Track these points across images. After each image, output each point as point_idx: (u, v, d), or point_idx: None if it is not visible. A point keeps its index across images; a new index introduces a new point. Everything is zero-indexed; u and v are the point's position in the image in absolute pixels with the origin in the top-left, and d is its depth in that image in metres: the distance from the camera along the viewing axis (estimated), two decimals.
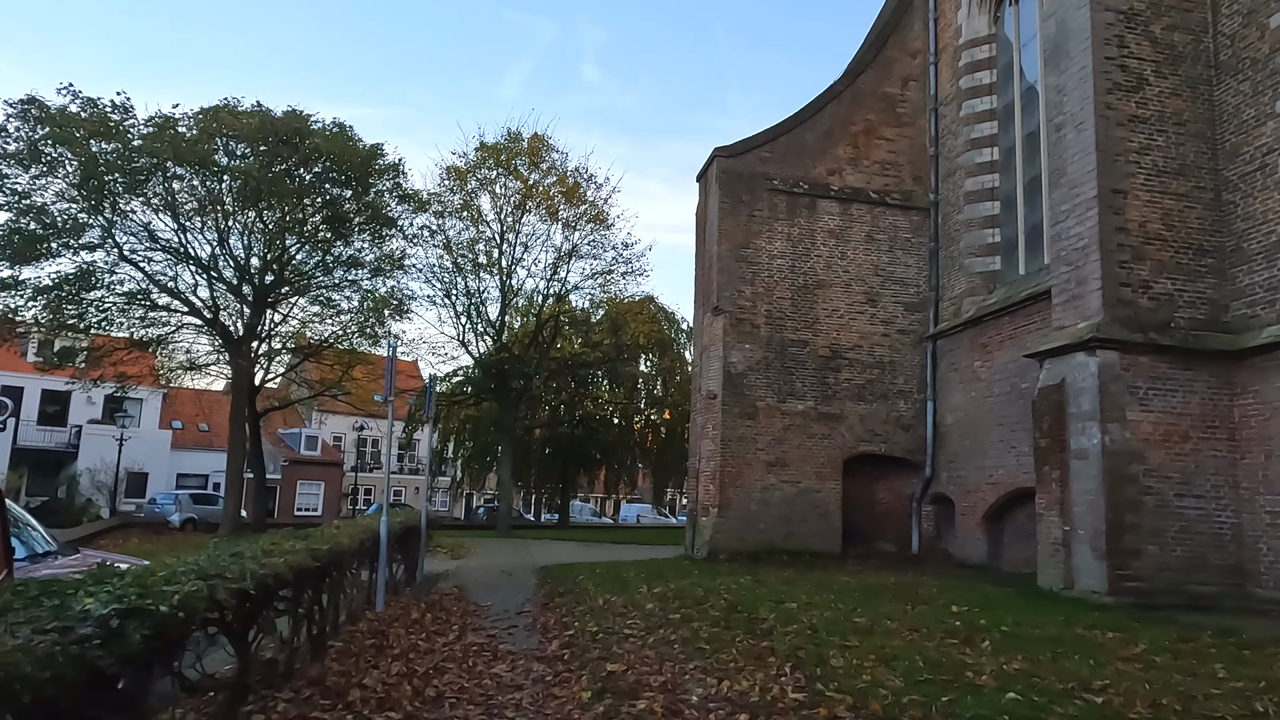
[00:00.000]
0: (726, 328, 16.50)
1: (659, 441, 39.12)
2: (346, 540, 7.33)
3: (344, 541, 7.16)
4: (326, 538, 7.16)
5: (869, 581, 11.81)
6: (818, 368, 16.79)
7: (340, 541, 7.09)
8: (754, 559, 15.41)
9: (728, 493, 16.03)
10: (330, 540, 6.81)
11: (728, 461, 16.10)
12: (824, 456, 16.52)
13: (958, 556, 15.64)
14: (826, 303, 17.04)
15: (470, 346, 28.83)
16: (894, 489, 17.38)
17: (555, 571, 13.87)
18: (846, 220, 17.39)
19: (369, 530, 8.71)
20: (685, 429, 38.33)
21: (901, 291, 17.40)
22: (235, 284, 23.13)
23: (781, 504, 16.20)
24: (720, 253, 16.71)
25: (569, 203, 27.59)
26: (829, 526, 16.34)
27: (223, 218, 21.79)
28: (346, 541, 7.27)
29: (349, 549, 7.27)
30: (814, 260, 17.13)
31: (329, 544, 6.66)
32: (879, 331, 17.18)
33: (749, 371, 16.47)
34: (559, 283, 27.83)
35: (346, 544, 7.21)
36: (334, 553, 6.61)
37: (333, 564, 6.72)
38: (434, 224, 27.20)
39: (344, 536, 7.48)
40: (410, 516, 11.61)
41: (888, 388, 17.04)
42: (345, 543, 7.20)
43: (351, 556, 7.69)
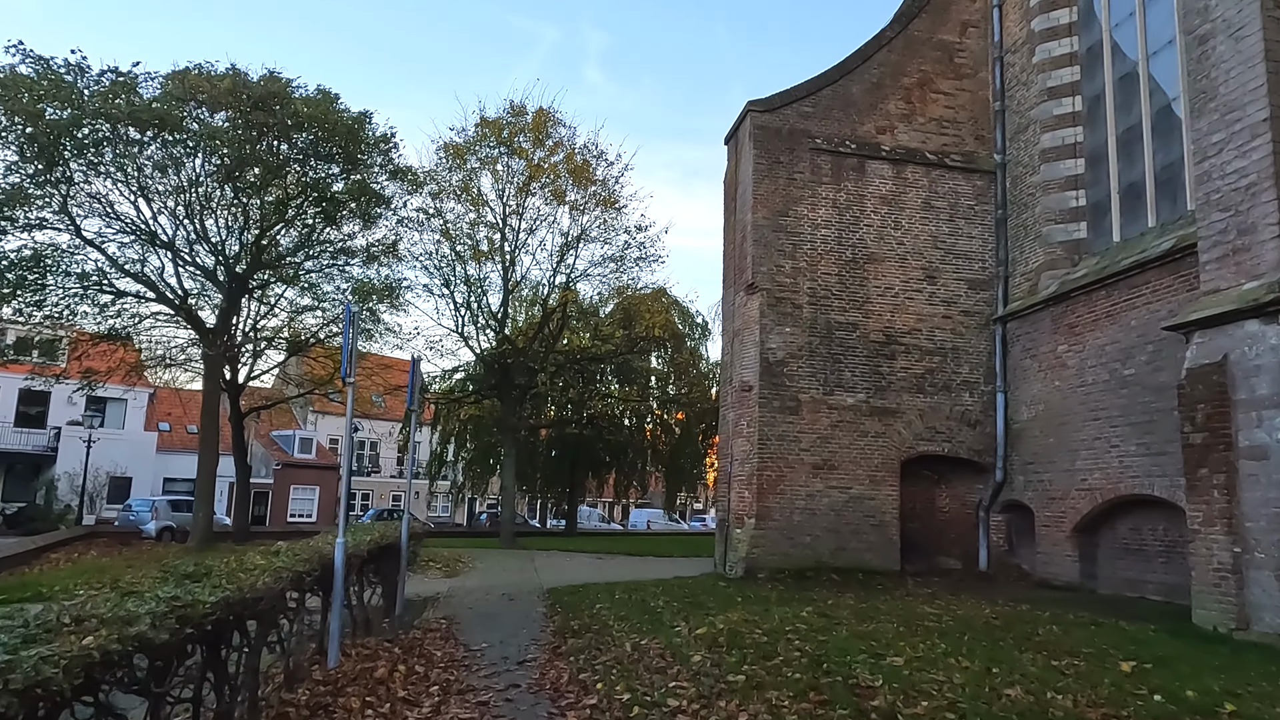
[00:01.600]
0: (763, 308, 14.17)
1: (672, 443, 36.79)
2: (269, 578, 5.03)
3: (264, 582, 4.85)
4: (238, 572, 4.90)
5: (959, 613, 9.46)
6: (869, 354, 14.45)
7: (257, 581, 4.80)
8: (799, 578, 13.08)
9: (767, 500, 13.70)
10: (235, 582, 4.52)
11: (766, 464, 13.77)
12: (878, 458, 14.18)
13: (1038, 575, 13.28)
14: (879, 279, 14.70)
15: (471, 341, 26.53)
16: (957, 495, 15.02)
17: (566, 595, 11.55)
18: (900, 185, 15.06)
19: (317, 557, 6.42)
20: (700, 429, 36.16)
21: (964, 267, 15.05)
22: (210, 268, 20.86)
23: (829, 513, 13.86)
24: (755, 221, 14.39)
25: (577, 183, 25.25)
26: (885, 539, 13.98)
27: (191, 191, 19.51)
28: (269, 580, 4.97)
29: (271, 591, 4.96)
30: (863, 230, 14.80)
31: (231, 588, 4.38)
32: (939, 313, 14.84)
33: (790, 359, 14.14)
34: (566, 270, 25.55)
35: (268, 584, 4.91)
36: (236, 603, 4.31)
37: (236, 617, 4.43)
38: (431, 206, 24.93)
39: (268, 571, 5.20)
40: (387, 531, 9.32)
41: (950, 378, 14.69)
42: (267, 582, 4.90)
43: (280, 598, 5.39)
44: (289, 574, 5.60)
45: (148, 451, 40.66)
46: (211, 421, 20.19)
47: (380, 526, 9.64)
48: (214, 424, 20.35)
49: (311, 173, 21.53)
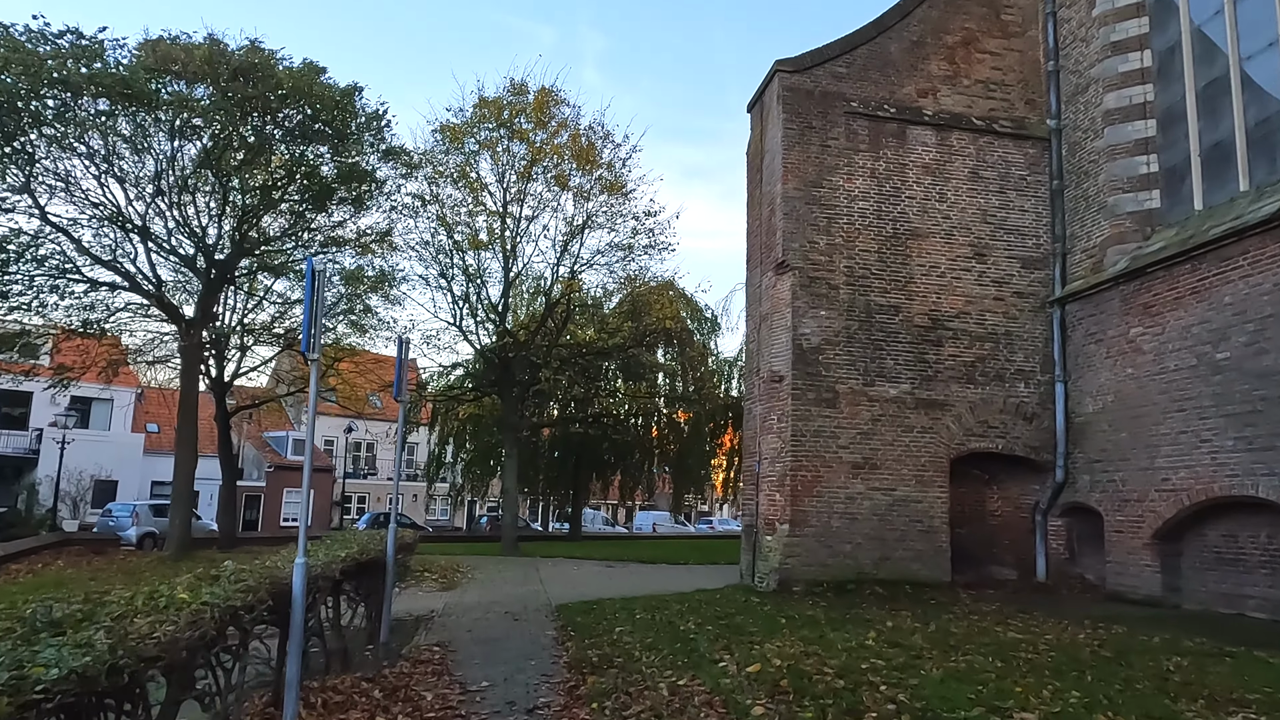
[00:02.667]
0: (796, 289, 12.68)
1: (679, 443, 35.26)
2: (183, 622, 3.54)
3: (166, 632, 3.36)
4: (136, 616, 3.43)
5: (1048, 638, 7.95)
6: (914, 341, 12.96)
7: (157, 630, 3.31)
8: (840, 592, 11.59)
9: (802, 504, 12.19)
10: (119, 636, 3.03)
11: (800, 463, 12.27)
12: (925, 455, 12.68)
13: (1109, 587, 11.77)
14: (923, 257, 13.21)
15: (470, 335, 25.02)
16: (1011, 497, 13.53)
17: (578, 614, 10.04)
18: (945, 153, 13.57)
19: (268, 583, 4.92)
20: (709, 428, 34.63)
21: (1017, 243, 13.56)
22: (188, 255, 19.35)
23: (872, 518, 12.36)
24: (785, 193, 12.90)
25: (581, 168, 23.75)
26: (933, 547, 12.48)
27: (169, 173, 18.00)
28: (176, 627, 3.48)
29: (178, 643, 3.46)
30: (905, 203, 13.31)
31: (104, 647, 2.89)
32: (990, 294, 13.34)
33: (826, 345, 12.64)
34: (570, 259, 24.03)
35: (172, 633, 3.41)
36: (118, 664, 2.82)
37: (109, 689, 2.93)
38: (427, 192, 23.42)
39: (189, 608, 3.73)
40: (368, 543, 7.82)
41: (1003, 367, 13.19)
42: (170, 632, 3.41)
43: (201, 647, 3.89)
44: (220, 610, 4.11)
45: (134, 454, 39.16)
46: (190, 420, 18.68)
47: (361, 537, 8.16)
48: (192, 422, 18.84)
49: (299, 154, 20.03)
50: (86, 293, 19.63)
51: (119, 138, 16.86)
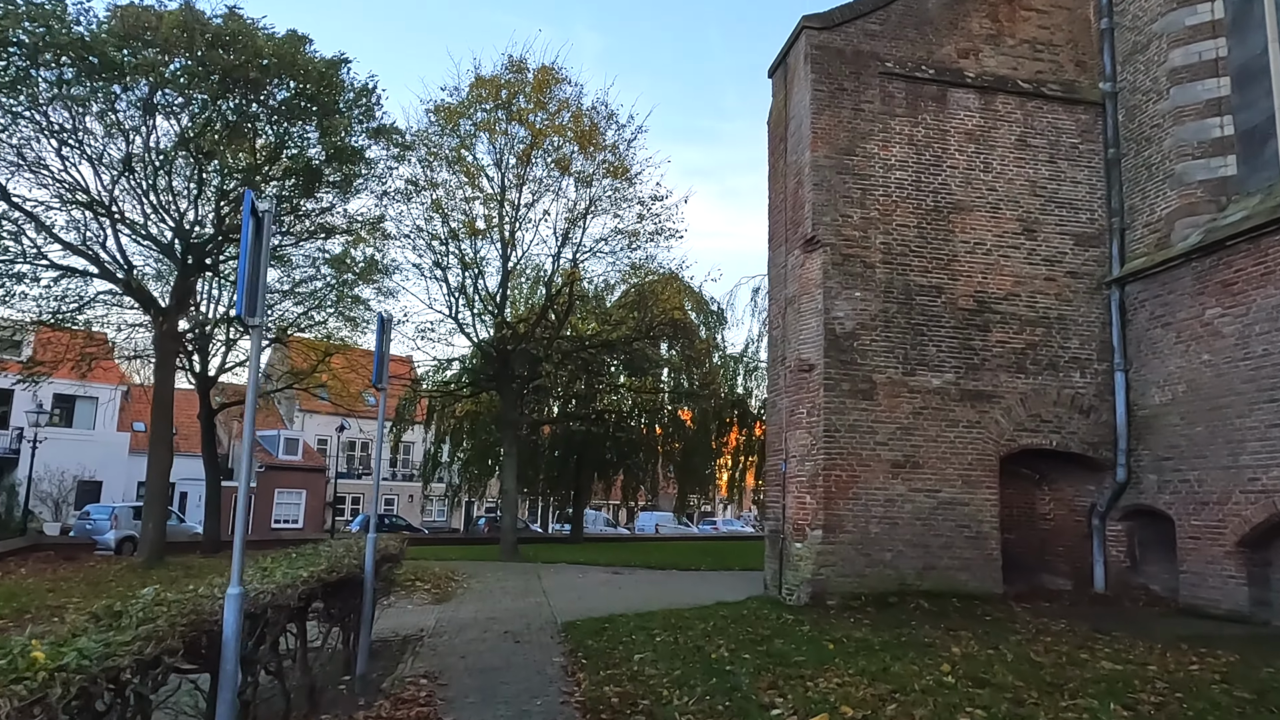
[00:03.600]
0: (828, 268, 11.39)
1: (684, 441, 33.96)
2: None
3: None
4: None
5: (1150, 668, 6.67)
6: (958, 325, 11.67)
7: None
8: (882, 606, 10.30)
9: (836, 507, 10.90)
10: None
11: (835, 461, 10.98)
12: (971, 453, 11.39)
13: (1182, 599, 10.48)
14: (966, 233, 11.92)
15: (467, 328, 23.70)
16: (1064, 499, 12.25)
17: (589, 635, 8.75)
18: (989, 118, 12.28)
19: (188, 620, 3.63)
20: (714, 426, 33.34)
21: (1069, 218, 12.27)
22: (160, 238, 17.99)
23: (914, 522, 11.07)
24: (815, 161, 11.61)
25: (583, 150, 22.44)
26: (983, 555, 11.19)
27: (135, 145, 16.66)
28: None
29: None
30: (946, 173, 12.02)
31: None
32: (1040, 274, 12.06)
33: (861, 330, 11.35)
34: (572, 246, 22.71)
35: None
36: None
37: None
38: (422, 175, 22.10)
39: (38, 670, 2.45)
40: (340, 558, 6.52)
41: (1056, 354, 11.90)
42: None
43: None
44: (94, 675, 2.83)
45: (119, 454, 37.82)
46: (164, 415, 17.35)
47: (336, 550, 6.86)
48: (167, 418, 17.51)
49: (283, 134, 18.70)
50: (56, 280, 18.31)
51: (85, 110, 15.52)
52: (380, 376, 7.26)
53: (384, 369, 7.29)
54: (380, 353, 7.19)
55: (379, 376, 7.27)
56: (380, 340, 7.22)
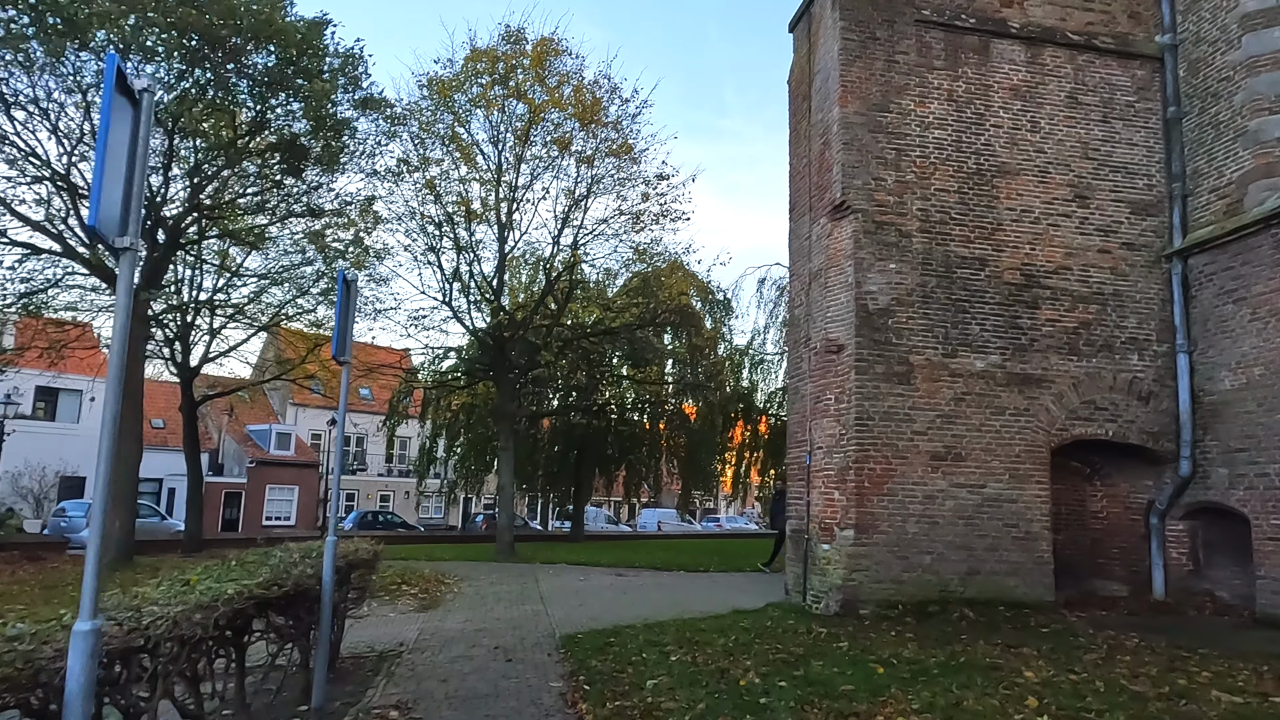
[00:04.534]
0: (859, 236, 10.17)
1: (688, 435, 32.76)
2: None
3: None
4: None
5: (1276, 699, 5.48)
6: (1004, 301, 10.46)
7: None
8: (922, 616, 9.11)
9: (869, 504, 9.70)
10: None
11: (868, 453, 9.77)
12: (1020, 444, 10.18)
13: (1259, 608, 9.28)
14: (1012, 199, 10.70)
15: (463, 315, 22.45)
16: (1117, 495, 11.04)
17: (593, 652, 7.55)
18: (1036, 73, 11.06)
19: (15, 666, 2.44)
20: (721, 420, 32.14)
21: (1125, 184, 11.05)
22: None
23: (956, 522, 9.87)
24: (845, 118, 10.39)
25: (585, 128, 21.19)
26: (1033, 558, 9.98)
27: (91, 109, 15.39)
28: None
29: None
30: (990, 133, 10.80)
31: None
32: (1094, 245, 10.84)
33: (897, 306, 10.14)
34: (573, 229, 21.47)
35: None
36: None
37: None
38: (413, 153, 20.87)
39: None
40: (289, 568, 5.31)
41: (1112, 334, 10.69)
42: None
43: None
44: None
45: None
46: (133, 404, 16.13)
47: (289, 558, 5.66)
48: (136, 407, 16.29)
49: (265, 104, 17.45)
50: (20, 261, 17.10)
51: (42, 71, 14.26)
52: (343, 348, 6.05)
53: (346, 339, 6.08)
54: (342, 318, 5.98)
55: (340, 348, 6.06)
56: (343, 304, 6.01)
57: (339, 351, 5.98)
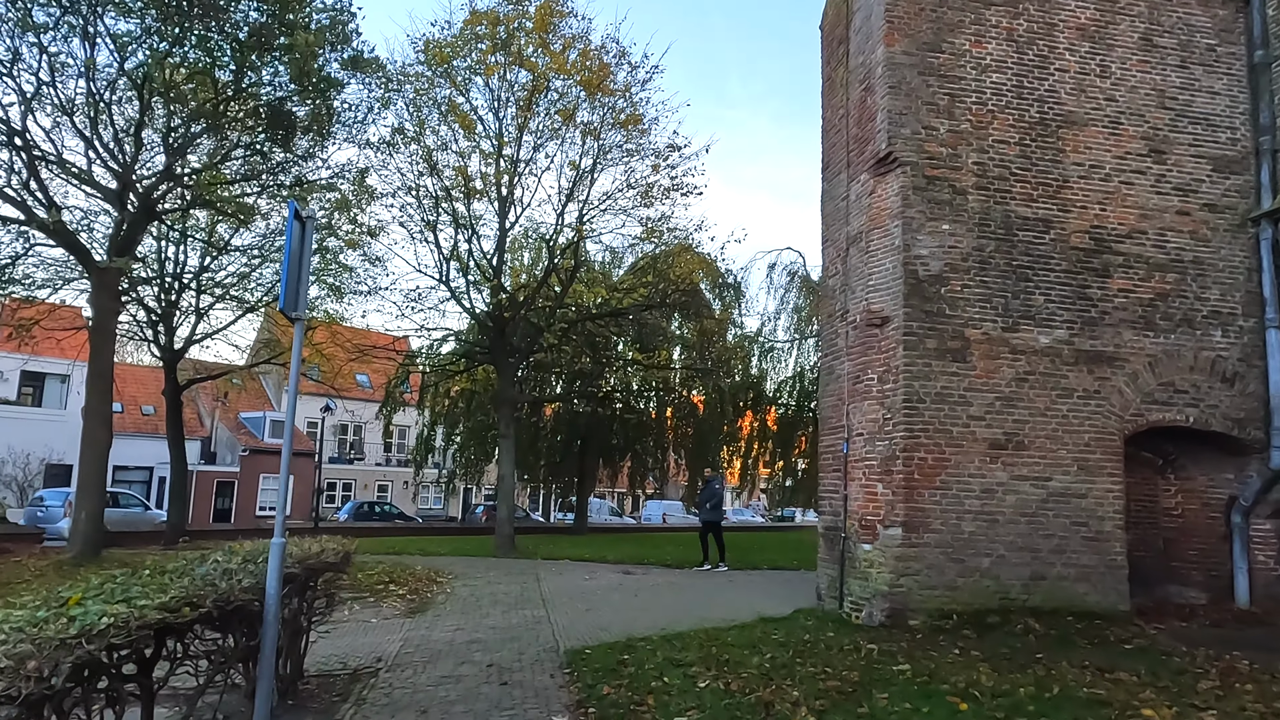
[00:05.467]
0: (907, 193, 8.90)
1: (696, 425, 31.57)
2: None
3: None
4: None
5: None
6: (1071, 268, 9.18)
7: None
8: (983, 628, 7.89)
9: (919, 498, 8.46)
10: None
11: (918, 440, 8.53)
12: (1089, 430, 8.92)
13: None
14: (1080, 153, 9.41)
15: (461, 296, 21.17)
16: (1194, 489, 9.78)
17: (604, 675, 6.33)
18: (1106, 12, 9.74)
19: None
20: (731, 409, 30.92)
21: (1205, 137, 9.75)
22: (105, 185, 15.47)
23: (1018, 519, 8.62)
24: (890, 59, 9.10)
25: (591, 97, 19.87)
26: (1104, 561, 8.74)
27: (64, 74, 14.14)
28: None
29: None
30: (1054, 78, 9.50)
31: None
32: (1171, 206, 9.55)
33: (950, 273, 8.87)
34: (578, 204, 20.16)
35: None
36: None
37: None
38: (408, 119, 19.58)
39: None
40: (203, 582, 4.06)
41: (1192, 307, 9.41)
42: None
43: None
44: None
45: None
46: (101, 387, 14.89)
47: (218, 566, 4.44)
48: (106, 390, 15.03)
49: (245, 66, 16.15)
50: None
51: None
52: (294, 301, 4.81)
53: (299, 290, 4.84)
54: (293, 264, 4.74)
55: (291, 301, 4.81)
56: (294, 247, 4.76)
57: (289, 305, 4.74)
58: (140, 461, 36.87)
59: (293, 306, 4.78)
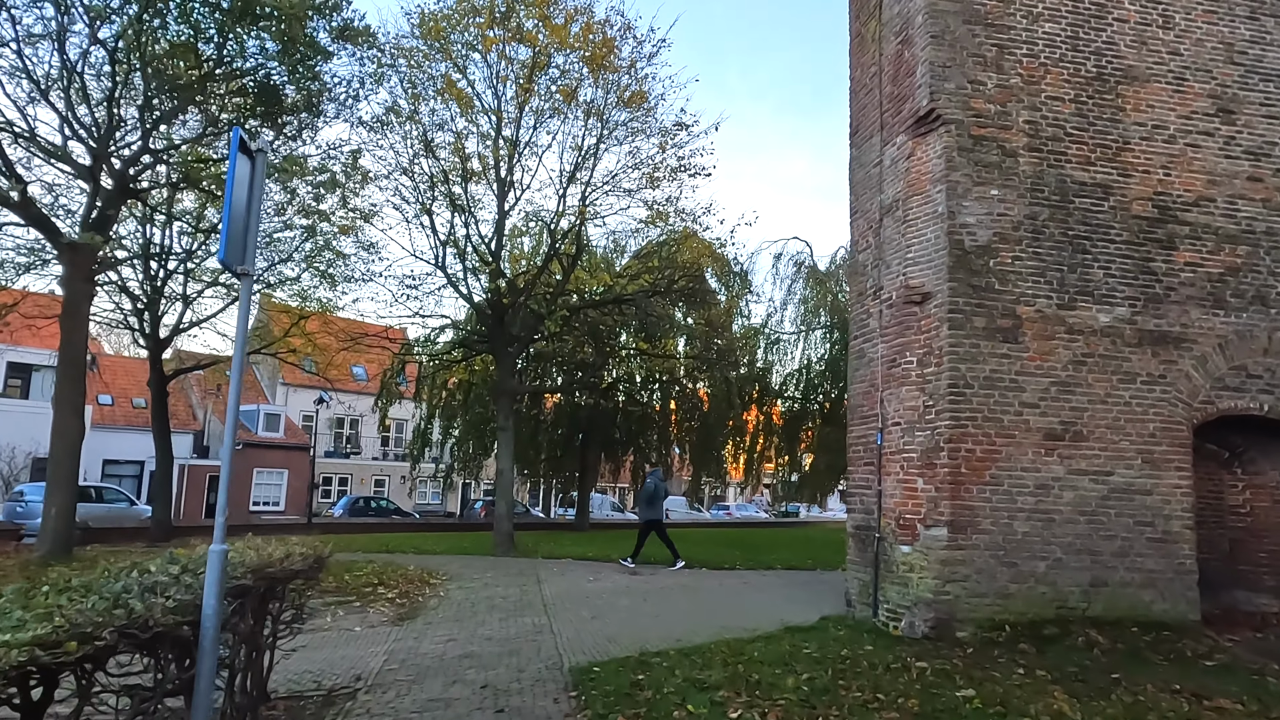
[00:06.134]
0: (952, 154, 7.97)
1: (701, 418, 30.68)
2: None
3: None
4: None
5: None
6: (1133, 239, 8.26)
7: None
8: (1040, 641, 7.00)
9: (967, 495, 7.55)
10: None
11: (964, 429, 7.62)
12: (1154, 419, 8.01)
13: None
14: (1141, 112, 8.48)
15: (458, 282, 20.23)
16: (1264, 485, 8.86)
17: (617, 701, 5.44)
18: None
19: None
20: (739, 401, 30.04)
21: (1278, 95, 8.82)
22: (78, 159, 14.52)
23: (1076, 518, 7.72)
24: (932, 6, 8.17)
25: (594, 74, 18.91)
26: (1172, 565, 7.83)
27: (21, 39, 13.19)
28: None
29: None
30: (1113, 28, 8.56)
31: None
32: (1242, 171, 8.62)
33: (1000, 244, 7.95)
34: (580, 185, 19.20)
35: None
36: None
37: None
38: (403, 96, 18.64)
39: None
40: (103, 606, 3.15)
41: (1266, 283, 8.49)
42: None
43: None
44: None
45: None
46: (73, 375, 13.97)
47: (127, 585, 3.51)
48: (78, 379, 14.13)
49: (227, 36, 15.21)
50: None
51: None
52: (238, 251, 3.88)
53: (247, 238, 3.92)
54: (238, 199, 3.82)
55: (234, 251, 3.89)
56: (239, 180, 3.84)
57: (233, 257, 3.82)
58: (131, 455, 35.99)
59: (237, 259, 3.87)
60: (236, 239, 3.87)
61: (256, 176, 4.00)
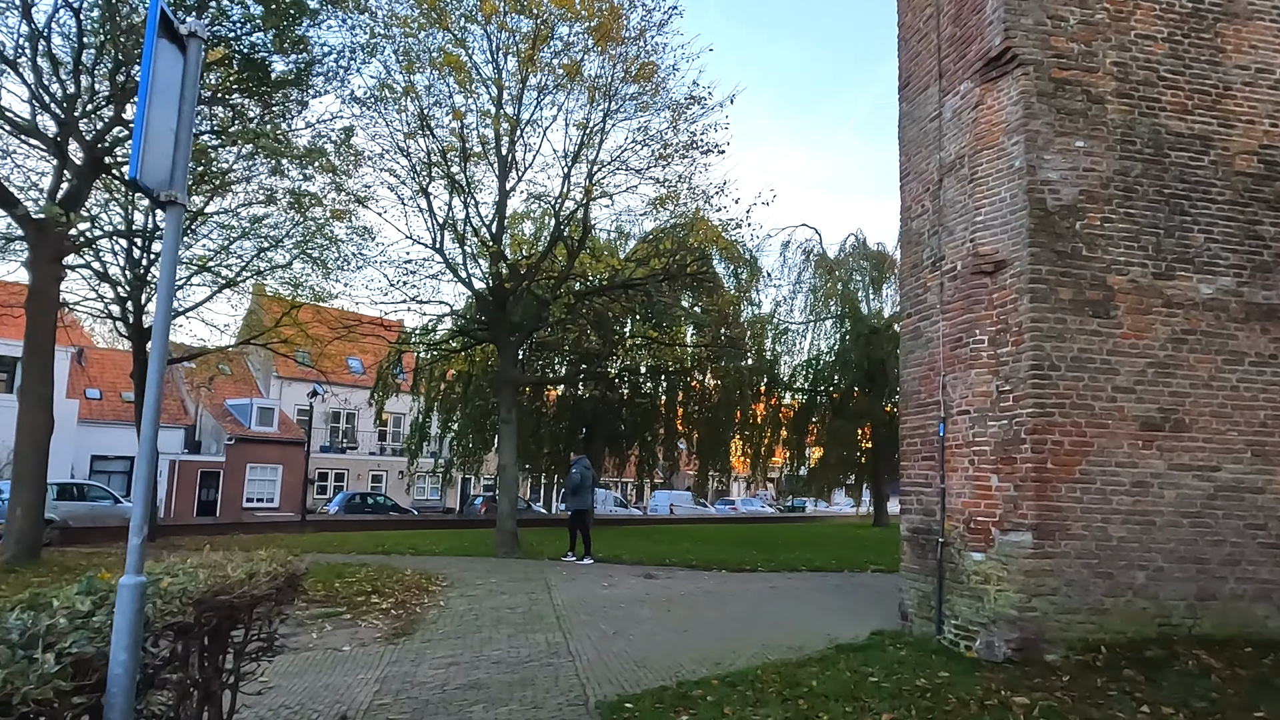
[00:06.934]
0: (1030, 100, 6.88)
1: (709, 411, 29.66)
2: None
3: None
4: None
5: None
6: (1236, 198, 7.18)
7: None
8: (1143, 665, 5.98)
9: (1055, 494, 6.49)
10: None
11: (1050, 418, 6.55)
12: (1265, 406, 6.95)
13: None
14: (1243, 53, 7.40)
15: (457, 267, 19.12)
16: None
17: None
18: None
19: None
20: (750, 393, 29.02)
21: None
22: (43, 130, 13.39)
23: (1178, 520, 6.66)
24: None
25: (600, 47, 17.78)
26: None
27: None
28: None
29: None
30: None
31: None
32: None
33: (1087, 203, 6.87)
34: (586, 163, 18.10)
35: None
36: None
37: None
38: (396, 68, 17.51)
39: None
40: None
41: None
42: None
43: None
44: None
45: (68, 423, 33.30)
46: (39, 365, 12.89)
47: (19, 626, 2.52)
48: (45, 369, 13.05)
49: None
50: None
51: None
52: (168, 178, 2.80)
53: (176, 156, 2.84)
54: (159, 92, 2.74)
55: (159, 173, 2.81)
56: (158, 70, 2.76)
57: (143, 172, 2.73)
58: (120, 451, 34.87)
59: (160, 181, 2.80)
60: (158, 154, 2.79)
61: (189, 72, 2.91)
